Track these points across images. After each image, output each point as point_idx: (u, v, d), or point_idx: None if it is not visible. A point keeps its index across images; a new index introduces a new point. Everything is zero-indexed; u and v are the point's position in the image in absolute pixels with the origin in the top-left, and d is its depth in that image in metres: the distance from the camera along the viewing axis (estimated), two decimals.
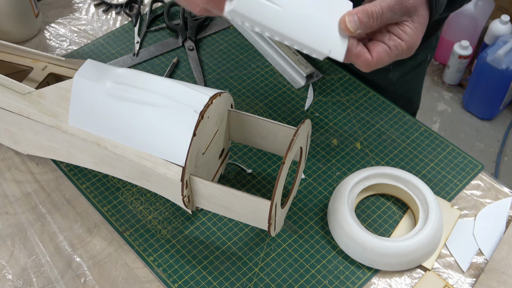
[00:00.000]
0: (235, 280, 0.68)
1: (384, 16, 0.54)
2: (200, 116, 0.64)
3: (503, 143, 2.07)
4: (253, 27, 0.49)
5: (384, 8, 0.53)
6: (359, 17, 0.53)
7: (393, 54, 0.56)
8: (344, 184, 0.73)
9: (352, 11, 0.53)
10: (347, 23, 0.53)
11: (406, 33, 0.55)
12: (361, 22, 0.53)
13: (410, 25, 0.56)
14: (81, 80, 0.68)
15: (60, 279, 0.68)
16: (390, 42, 0.56)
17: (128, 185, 0.77)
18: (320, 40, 0.52)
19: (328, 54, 0.53)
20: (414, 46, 0.57)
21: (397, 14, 0.55)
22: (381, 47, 0.55)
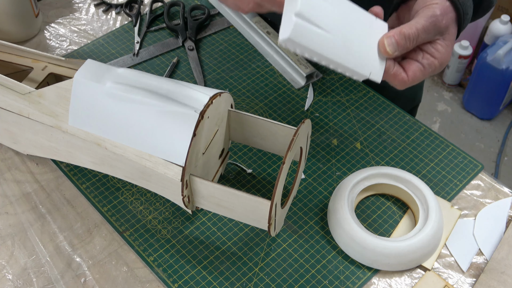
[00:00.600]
0: (235, 280, 0.68)
1: (419, 38, 0.56)
2: (200, 116, 0.64)
3: (503, 143, 2.07)
4: (303, 53, 0.52)
5: (419, 30, 0.55)
6: (396, 40, 0.55)
7: (427, 72, 0.58)
8: (344, 184, 0.73)
9: (389, 34, 0.55)
10: (386, 46, 0.55)
11: (439, 51, 0.58)
12: (399, 45, 0.55)
13: (442, 43, 0.58)
14: (81, 80, 0.68)
15: (60, 279, 0.68)
16: (424, 61, 0.58)
17: (128, 185, 0.77)
18: (362, 63, 0.54)
19: (368, 76, 0.55)
20: (445, 63, 0.59)
21: (430, 34, 0.57)
22: (416, 66, 0.57)
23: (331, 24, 0.52)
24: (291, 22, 0.50)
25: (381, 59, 0.56)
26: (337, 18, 0.52)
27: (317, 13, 0.51)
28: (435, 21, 0.56)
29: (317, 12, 0.51)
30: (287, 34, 0.50)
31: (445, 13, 0.57)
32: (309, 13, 0.50)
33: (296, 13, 0.49)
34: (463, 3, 0.59)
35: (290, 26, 0.50)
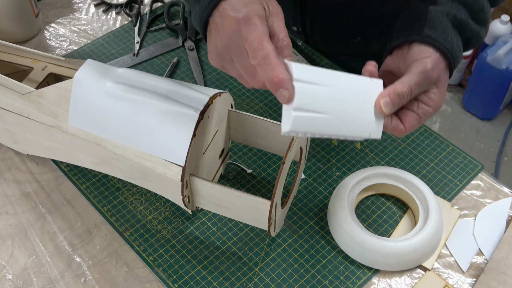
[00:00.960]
0: (235, 280, 0.68)
1: (413, 93, 0.59)
2: (200, 116, 0.64)
3: (503, 143, 2.07)
4: (306, 136, 0.56)
5: (412, 87, 0.59)
6: (391, 99, 0.58)
7: (422, 120, 0.61)
8: (344, 184, 0.73)
9: (384, 93, 0.58)
10: (383, 107, 0.58)
11: (432, 99, 0.61)
12: (394, 103, 0.58)
13: (435, 91, 0.61)
14: (81, 80, 0.68)
15: (60, 279, 0.68)
16: (419, 111, 0.61)
17: (128, 185, 0.77)
18: (360, 127, 0.58)
19: (368, 137, 0.59)
20: (439, 107, 0.62)
21: (423, 87, 0.60)
22: (412, 117, 0.61)
23: (327, 104, 0.56)
24: (290, 116, 0.54)
25: (379, 117, 0.59)
26: (333, 96, 0.56)
27: (314, 101, 0.55)
28: (426, 76, 0.60)
29: (313, 99, 0.55)
30: (288, 127, 0.55)
31: (436, 65, 0.60)
32: (306, 103, 0.54)
33: (294, 108, 0.54)
34: (453, 50, 0.62)
35: (290, 120, 0.54)
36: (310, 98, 0.55)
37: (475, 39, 0.65)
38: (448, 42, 0.61)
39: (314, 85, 0.55)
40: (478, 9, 0.64)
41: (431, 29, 0.61)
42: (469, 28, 0.64)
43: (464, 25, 0.63)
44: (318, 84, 0.56)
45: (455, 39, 0.62)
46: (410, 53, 0.62)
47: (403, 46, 0.63)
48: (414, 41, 0.62)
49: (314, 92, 0.55)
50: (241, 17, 0.54)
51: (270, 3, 0.57)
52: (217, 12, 0.56)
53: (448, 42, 0.61)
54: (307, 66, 0.56)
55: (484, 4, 0.64)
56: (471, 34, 0.64)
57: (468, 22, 0.63)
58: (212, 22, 0.57)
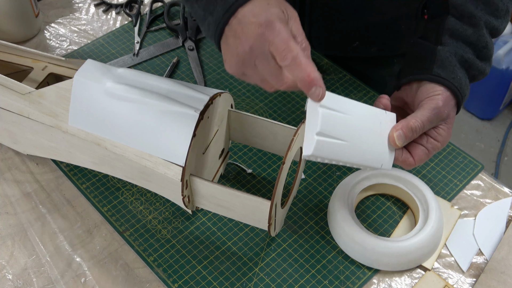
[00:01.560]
0: (235, 280, 0.68)
1: (424, 128, 0.62)
2: (200, 116, 0.64)
3: (503, 143, 2.07)
4: (323, 161, 0.58)
5: (424, 122, 0.62)
6: (404, 133, 0.61)
7: (431, 154, 0.64)
8: (344, 184, 0.73)
9: (397, 127, 0.61)
10: (396, 140, 0.61)
11: (441, 135, 0.64)
12: (406, 137, 0.61)
13: (444, 127, 0.64)
14: (81, 80, 0.68)
15: (60, 279, 0.68)
16: (428, 145, 0.64)
17: (128, 185, 0.77)
18: (374, 158, 0.61)
19: (380, 167, 0.62)
20: (447, 142, 0.65)
21: (434, 123, 0.63)
22: (421, 151, 0.63)
23: (347, 132, 0.58)
24: (313, 140, 0.56)
25: (391, 150, 0.62)
26: (352, 125, 0.59)
27: (335, 127, 0.57)
28: (438, 112, 0.62)
29: (335, 126, 0.57)
30: (310, 151, 0.57)
31: (447, 103, 0.63)
32: (328, 129, 0.57)
33: (318, 132, 0.56)
34: (462, 88, 0.65)
35: (312, 143, 0.56)
36: (333, 124, 0.57)
37: (481, 75, 0.69)
38: (457, 81, 0.64)
39: (337, 112, 0.58)
40: (482, 47, 0.67)
41: (440, 68, 0.64)
42: (476, 66, 0.67)
43: (471, 64, 0.66)
44: (341, 112, 0.58)
45: (463, 78, 0.66)
46: (421, 90, 0.65)
47: (411, 83, 0.66)
48: (424, 80, 0.64)
49: (336, 119, 0.58)
50: (263, 22, 0.54)
51: (287, 7, 0.58)
52: (234, 20, 0.56)
53: (456, 81, 0.64)
54: (330, 93, 0.58)
55: (487, 41, 0.67)
56: (477, 72, 0.68)
57: (474, 62, 0.67)
58: (230, 31, 0.57)
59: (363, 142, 0.60)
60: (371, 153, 0.61)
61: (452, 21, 0.67)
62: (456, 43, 0.66)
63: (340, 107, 0.58)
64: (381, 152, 0.61)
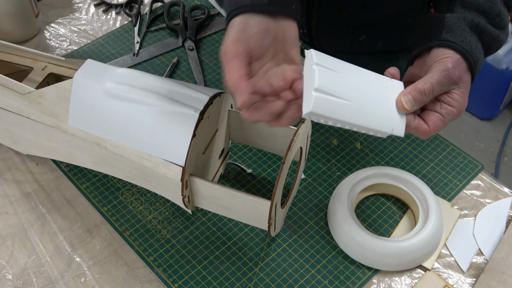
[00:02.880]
0: (235, 280, 0.68)
1: (434, 91, 0.60)
2: (200, 116, 0.64)
3: (503, 143, 2.07)
4: (327, 122, 0.56)
5: (434, 85, 0.59)
6: (413, 96, 0.59)
7: (447, 120, 0.62)
8: (344, 184, 0.73)
9: (405, 91, 0.59)
10: (404, 103, 0.59)
11: (455, 99, 0.62)
12: (416, 100, 0.59)
13: (458, 91, 0.62)
14: (81, 80, 0.68)
15: (60, 279, 0.68)
16: (442, 111, 0.61)
17: (128, 185, 0.77)
18: (383, 122, 0.58)
19: (391, 132, 0.59)
20: (463, 109, 0.63)
21: (445, 86, 0.61)
22: (436, 117, 0.61)
23: (348, 92, 0.56)
24: (311, 96, 0.54)
25: (401, 115, 0.59)
26: (353, 85, 0.57)
27: (334, 85, 0.55)
28: (448, 74, 0.60)
29: (334, 84, 0.55)
30: (309, 108, 0.54)
31: (457, 65, 0.61)
32: (327, 86, 0.55)
33: (315, 88, 0.54)
34: (473, 52, 0.62)
35: (311, 100, 0.54)
36: (331, 82, 0.55)
37: (495, 43, 0.66)
38: (466, 44, 0.62)
39: (335, 72, 0.56)
40: (495, 14, 0.65)
41: (448, 33, 0.62)
42: (488, 32, 0.64)
43: (482, 29, 0.64)
44: (339, 72, 0.56)
45: (474, 42, 0.63)
46: (431, 57, 0.63)
47: (423, 54, 0.64)
48: (433, 46, 0.62)
49: (335, 77, 0.55)
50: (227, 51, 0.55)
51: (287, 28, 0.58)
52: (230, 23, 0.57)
53: (466, 44, 0.62)
54: (328, 56, 0.56)
55: (501, 10, 0.65)
56: (490, 38, 0.65)
57: (487, 26, 0.64)
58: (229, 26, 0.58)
59: (368, 104, 0.57)
60: (378, 116, 0.58)
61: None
62: (467, 12, 0.64)
63: (339, 68, 0.56)
64: (390, 116, 0.58)
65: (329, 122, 0.56)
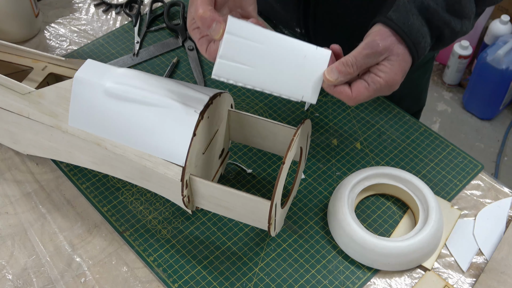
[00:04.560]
0: (235, 280, 0.68)
1: (359, 63, 0.62)
2: (200, 116, 0.64)
3: (503, 143, 2.07)
4: (229, 81, 0.62)
5: (356, 56, 0.62)
6: (336, 67, 0.62)
7: (371, 89, 0.64)
8: (344, 184, 0.73)
9: (332, 65, 0.63)
10: (326, 74, 0.62)
11: (382, 71, 0.64)
12: (339, 71, 0.62)
13: (387, 63, 0.64)
14: (81, 80, 0.68)
15: (60, 279, 0.68)
16: (368, 79, 0.64)
17: (128, 185, 0.77)
18: (294, 88, 0.63)
19: (301, 99, 0.64)
20: (392, 82, 0.64)
21: (371, 58, 0.63)
22: (361, 84, 0.64)
23: (255, 59, 0.62)
24: (216, 62, 0.62)
25: (316, 84, 0.63)
26: (263, 53, 0.62)
27: (239, 53, 0.61)
28: (371, 46, 0.63)
29: (240, 52, 0.61)
30: (213, 72, 0.62)
31: (383, 38, 0.63)
32: (231, 53, 0.61)
33: (219, 55, 0.61)
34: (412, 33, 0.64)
35: (215, 65, 0.61)
36: (236, 50, 0.61)
37: (447, 29, 0.67)
38: (407, 26, 0.64)
39: (244, 40, 0.61)
40: (453, 1, 0.65)
41: (393, 12, 0.64)
42: (438, 16, 0.65)
43: (432, 12, 0.65)
44: (250, 40, 0.61)
45: (417, 24, 0.64)
46: (368, 32, 0.65)
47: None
48: (375, 23, 0.66)
49: (242, 45, 0.61)
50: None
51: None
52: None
53: (406, 26, 0.64)
54: (247, 24, 0.61)
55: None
56: (441, 23, 0.65)
57: (437, 11, 0.65)
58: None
59: (277, 71, 0.62)
60: (290, 83, 0.63)
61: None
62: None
63: (252, 36, 0.61)
64: (304, 84, 0.63)
65: (238, 83, 0.62)
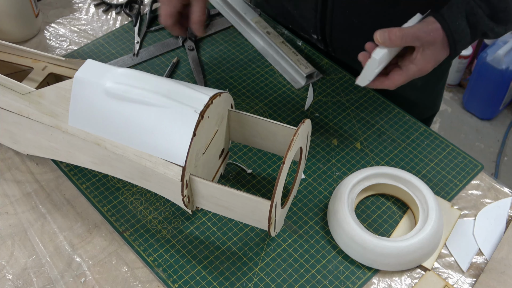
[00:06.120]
0: (235, 280, 0.68)
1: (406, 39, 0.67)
2: (200, 116, 0.64)
3: (503, 143, 2.07)
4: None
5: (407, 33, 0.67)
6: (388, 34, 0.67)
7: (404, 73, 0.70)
8: (344, 184, 0.73)
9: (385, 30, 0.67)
10: (378, 36, 0.67)
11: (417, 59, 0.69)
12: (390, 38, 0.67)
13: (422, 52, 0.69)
14: (81, 80, 0.68)
15: (60, 279, 0.68)
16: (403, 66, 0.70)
17: (128, 185, 0.77)
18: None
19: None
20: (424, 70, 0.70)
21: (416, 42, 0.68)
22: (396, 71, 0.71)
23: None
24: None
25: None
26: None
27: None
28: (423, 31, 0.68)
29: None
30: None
31: (433, 30, 0.68)
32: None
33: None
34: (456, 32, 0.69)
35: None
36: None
37: (491, 33, 0.71)
38: (454, 25, 0.68)
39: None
40: (499, 9, 0.69)
41: (446, 10, 0.69)
42: (484, 23, 0.69)
43: (478, 19, 0.69)
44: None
45: (463, 25, 0.69)
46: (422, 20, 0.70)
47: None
48: (429, 15, 0.70)
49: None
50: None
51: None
52: None
53: (453, 24, 0.68)
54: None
55: (507, 7, 0.69)
56: (486, 28, 0.70)
57: (483, 18, 0.69)
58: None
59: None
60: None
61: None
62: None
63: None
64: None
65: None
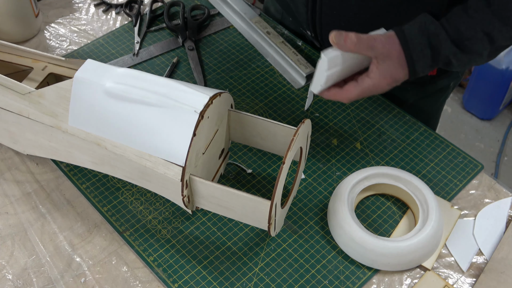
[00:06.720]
0: (235, 280, 0.68)
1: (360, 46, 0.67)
2: (200, 116, 0.64)
3: (503, 143, 2.07)
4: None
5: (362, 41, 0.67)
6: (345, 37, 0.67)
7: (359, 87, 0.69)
8: (344, 184, 0.73)
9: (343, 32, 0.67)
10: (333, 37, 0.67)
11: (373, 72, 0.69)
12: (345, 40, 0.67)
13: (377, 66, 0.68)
14: (81, 80, 0.68)
15: (60, 279, 0.68)
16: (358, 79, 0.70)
17: (128, 185, 0.77)
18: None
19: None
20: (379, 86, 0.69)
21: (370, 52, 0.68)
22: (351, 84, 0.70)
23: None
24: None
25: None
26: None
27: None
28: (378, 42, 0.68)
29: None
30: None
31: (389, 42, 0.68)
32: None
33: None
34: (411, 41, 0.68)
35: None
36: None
37: (454, 59, 0.70)
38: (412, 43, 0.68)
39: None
40: (465, 37, 0.68)
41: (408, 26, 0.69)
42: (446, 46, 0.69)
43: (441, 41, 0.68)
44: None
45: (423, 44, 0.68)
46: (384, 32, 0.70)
47: None
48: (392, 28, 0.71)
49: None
50: None
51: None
52: None
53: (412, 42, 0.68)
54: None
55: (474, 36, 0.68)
56: (448, 52, 0.69)
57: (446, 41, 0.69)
58: None
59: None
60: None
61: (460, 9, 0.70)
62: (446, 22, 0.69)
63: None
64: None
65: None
